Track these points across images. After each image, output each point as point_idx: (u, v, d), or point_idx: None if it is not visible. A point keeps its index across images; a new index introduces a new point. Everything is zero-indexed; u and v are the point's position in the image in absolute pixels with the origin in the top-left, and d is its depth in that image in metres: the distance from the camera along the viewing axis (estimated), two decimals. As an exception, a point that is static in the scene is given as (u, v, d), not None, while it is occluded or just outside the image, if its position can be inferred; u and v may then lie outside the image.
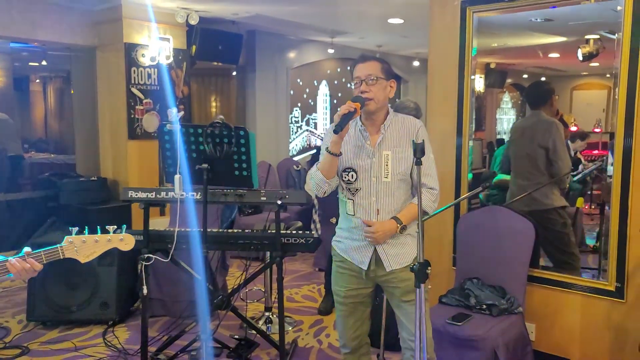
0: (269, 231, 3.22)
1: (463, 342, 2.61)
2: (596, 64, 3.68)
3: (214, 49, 6.31)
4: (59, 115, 12.15)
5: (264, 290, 3.87)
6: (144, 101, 5.58)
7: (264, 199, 3.03)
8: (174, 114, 2.82)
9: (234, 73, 7.65)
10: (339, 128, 2.07)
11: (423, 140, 2.02)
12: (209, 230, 2.98)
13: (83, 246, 1.79)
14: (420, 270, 1.99)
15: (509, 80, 4.99)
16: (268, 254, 3.54)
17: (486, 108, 5.11)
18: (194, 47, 6.02)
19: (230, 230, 3.33)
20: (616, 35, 2.79)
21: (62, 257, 1.77)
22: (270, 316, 3.79)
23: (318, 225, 4.97)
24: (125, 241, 1.85)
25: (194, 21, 5.73)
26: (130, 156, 5.54)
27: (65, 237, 1.78)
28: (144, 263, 2.93)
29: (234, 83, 7.78)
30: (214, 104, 8.22)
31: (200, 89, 8.11)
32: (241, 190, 3.04)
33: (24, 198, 5.75)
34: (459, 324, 2.69)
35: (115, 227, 1.85)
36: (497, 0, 3.14)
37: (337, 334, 2.45)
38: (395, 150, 2.21)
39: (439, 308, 2.94)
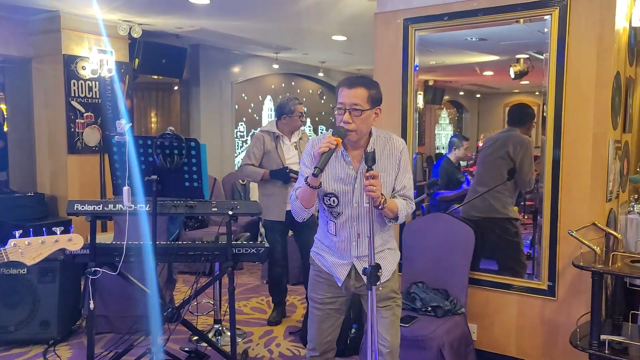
0: (220, 242, 3.23)
1: (411, 343, 2.72)
2: (527, 82, 3.94)
3: (158, 63, 6.26)
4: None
5: (213, 302, 3.85)
6: (85, 114, 5.43)
7: (215, 209, 3.04)
8: (124, 125, 2.80)
9: (176, 87, 7.59)
10: (319, 170, 1.97)
11: (374, 149, 2.07)
12: (158, 242, 2.95)
13: (28, 248, 1.74)
14: (372, 273, 2.08)
15: (446, 97, 5.25)
16: (217, 268, 3.55)
17: (425, 124, 5.34)
18: (136, 61, 5.95)
19: (180, 242, 3.31)
20: (544, 55, 3.04)
21: (6, 261, 1.71)
22: (220, 328, 3.77)
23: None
24: (73, 241, 1.81)
25: (137, 34, 5.67)
26: (70, 171, 5.36)
27: (9, 240, 1.73)
28: (90, 277, 2.87)
29: (177, 97, 7.71)
30: (154, 118, 8.08)
31: (141, 103, 7.96)
32: (192, 202, 3.04)
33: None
34: (407, 325, 2.80)
35: (62, 228, 1.81)
36: (437, 19, 3.34)
37: (308, 337, 2.43)
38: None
39: (388, 312, 3.05)
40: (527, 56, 3.78)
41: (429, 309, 2.99)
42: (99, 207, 3.01)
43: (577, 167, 2.93)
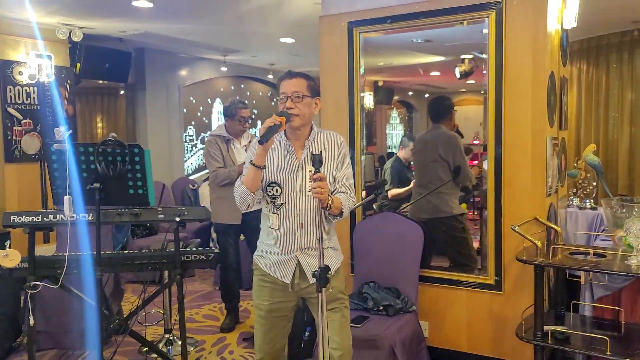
0: (167, 249, 3.15)
1: (363, 343, 2.74)
2: (472, 82, 4.06)
3: (101, 67, 6.07)
4: None
5: (163, 312, 3.75)
6: (23, 122, 5.20)
7: (162, 216, 2.97)
8: (62, 132, 2.69)
9: (122, 92, 7.38)
10: (264, 139, 2.07)
11: (320, 151, 2.08)
12: (102, 252, 2.85)
13: (-39, 269, 1.65)
14: (322, 275, 2.08)
15: (396, 97, 5.33)
16: (166, 276, 3.46)
17: (376, 123, 5.41)
18: (78, 65, 5.75)
19: (125, 251, 3.21)
20: (484, 55, 3.13)
21: None
22: (171, 337, 3.68)
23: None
24: (10, 257, 1.74)
25: (77, 38, 5.48)
26: (7, 180, 5.12)
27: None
28: (29, 292, 2.73)
29: (123, 102, 7.50)
30: (100, 124, 7.83)
31: (85, 109, 7.70)
32: (137, 209, 2.95)
33: None
34: (358, 326, 2.82)
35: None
36: (381, 22, 3.38)
37: (255, 346, 2.40)
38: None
39: (340, 313, 3.05)
40: (472, 56, 3.89)
41: (381, 308, 3.02)
42: (38, 218, 2.87)
43: (518, 164, 3.03)
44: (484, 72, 3.15)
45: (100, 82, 7.09)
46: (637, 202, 3.03)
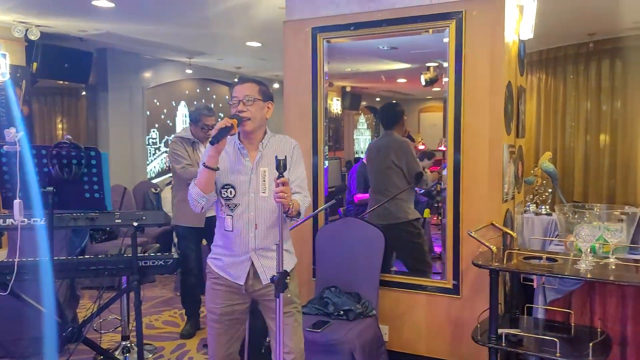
0: (125, 255, 3.08)
1: (323, 348, 2.74)
2: (438, 89, 4.14)
3: (60, 67, 5.91)
4: None
5: (121, 318, 3.66)
6: (-25, 121, 5.02)
7: (119, 221, 2.91)
8: (14, 133, 2.60)
9: (84, 93, 7.20)
10: (215, 140, 2.10)
11: (285, 157, 2.12)
12: (56, 258, 2.77)
13: None
14: (280, 280, 2.08)
15: (363, 103, 5.39)
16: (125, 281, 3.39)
17: (344, 129, 5.45)
18: (34, 64, 5.59)
19: (80, 257, 3.13)
20: (444, 63, 3.19)
21: None
22: (128, 345, 3.59)
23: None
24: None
25: (34, 36, 5.33)
26: (-42, 183, 4.91)
27: None
28: (-23, 299, 2.63)
29: (83, 103, 7.32)
30: (60, 125, 7.62)
31: (44, 109, 7.47)
32: (93, 214, 2.88)
33: None
34: (318, 330, 2.82)
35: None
36: (344, 28, 3.40)
37: (209, 352, 2.39)
38: (273, 166, 2.23)
39: (301, 318, 3.05)
40: (437, 64, 3.97)
41: (341, 312, 3.03)
42: (-13, 222, 2.77)
43: (476, 171, 3.10)
44: (444, 80, 3.21)
45: (60, 82, 6.90)
46: (588, 209, 3.14)
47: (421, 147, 5.64)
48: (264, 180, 2.28)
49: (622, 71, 5.76)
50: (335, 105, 5.38)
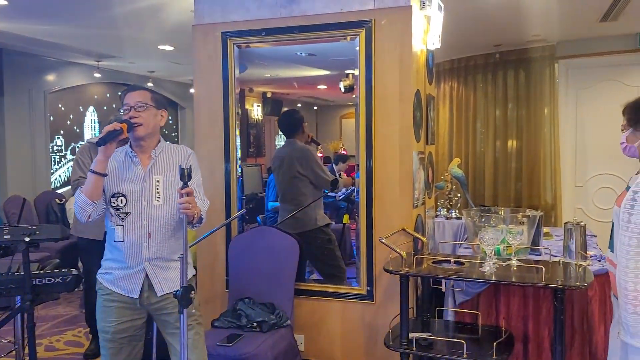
0: (17, 273, 2.82)
1: (235, 363, 2.65)
2: (355, 96, 4.16)
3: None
4: None
5: (15, 341, 3.36)
6: None
7: (8, 237, 2.65)
8: None
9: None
10: (102, 142, 2.04)
11: (190, 165, 2.05)
12: None
13: None
14: (184, 295, 1.97)
15: (285, 109, 5.34)
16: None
17: (265, 135, 5.37)
18: None
19: (-35, 277, 2.82)
20: (356, 71, 3.21)
21: None
22: (24, 371, 3.30)
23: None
24: None
25: None
26: None
27: None
28: None
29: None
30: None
31: None
32: (-23, 229, 2.61)
33: None
34: (230, 345, 2.72)
35: None
36: (255, 34, 3.34)
37: None
38: (167, 174, 2.24)
39: (212, 332, 2.94)
40: (354, 72, 3.99)
41: (254, 324, 2.95)
42: None
43: (387, 177, 3.14)
44: (356, 87, 3.23)
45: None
46: (493, 212, 3.27)
47: (343, 152, 5.70)
48: (158, 189, 2.21)
49: (525, 80, 6.12)
50: (256, 111, 5.30)
